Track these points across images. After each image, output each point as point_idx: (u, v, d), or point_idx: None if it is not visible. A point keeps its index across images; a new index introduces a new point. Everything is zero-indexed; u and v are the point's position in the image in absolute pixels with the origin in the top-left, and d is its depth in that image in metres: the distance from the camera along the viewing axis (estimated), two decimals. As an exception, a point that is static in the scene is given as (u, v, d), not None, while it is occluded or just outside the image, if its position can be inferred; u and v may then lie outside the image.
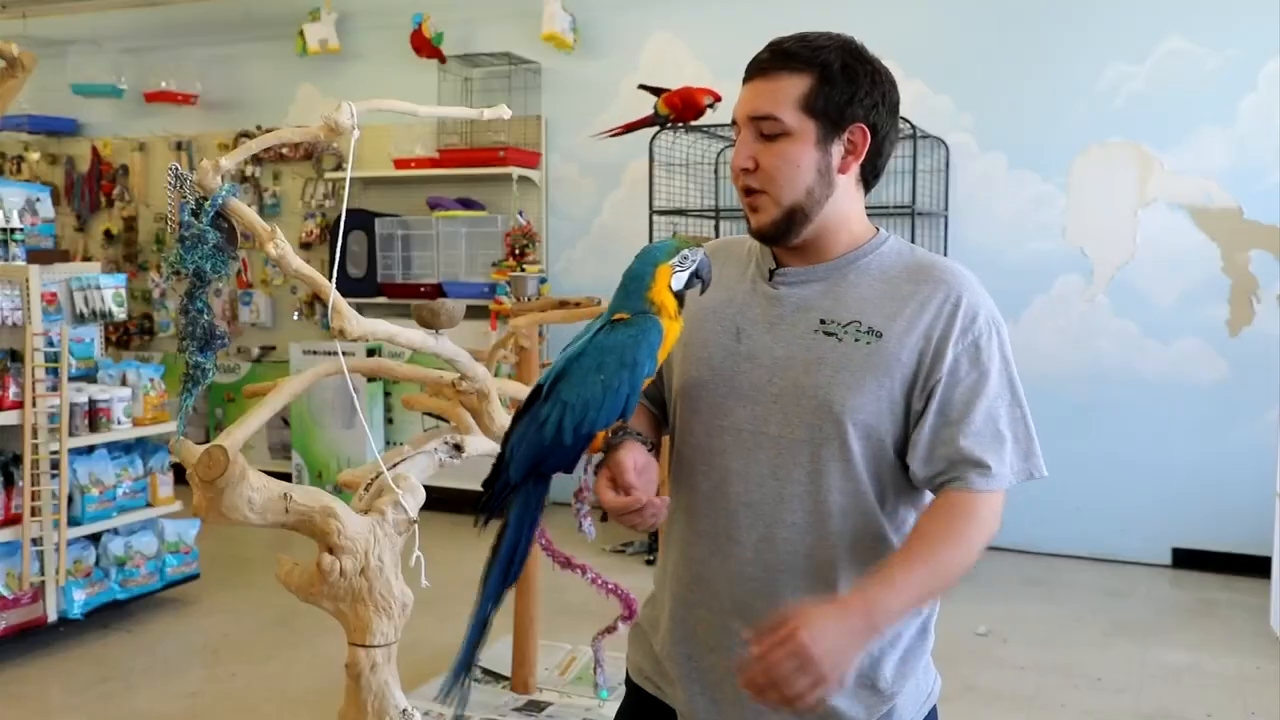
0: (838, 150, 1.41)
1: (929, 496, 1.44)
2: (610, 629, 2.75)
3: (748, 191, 1.43)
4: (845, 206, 1.44)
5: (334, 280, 2.49)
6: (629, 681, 1.62)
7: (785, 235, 1.43)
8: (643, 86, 5.03)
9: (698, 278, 1.44)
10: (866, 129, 1.41)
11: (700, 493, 1.46)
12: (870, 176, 1.46)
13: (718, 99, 4.77)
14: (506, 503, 1.44)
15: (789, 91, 1.39)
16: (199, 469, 2.41)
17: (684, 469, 1.49)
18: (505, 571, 1.44)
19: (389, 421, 6.19)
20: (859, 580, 1.36)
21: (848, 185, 1.44)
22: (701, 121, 5.41)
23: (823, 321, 1.41)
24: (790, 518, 1.40)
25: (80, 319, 4.21)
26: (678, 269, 1.42)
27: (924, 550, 1.35)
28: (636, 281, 1.42)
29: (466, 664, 1.45)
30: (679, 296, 1.43)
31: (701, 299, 1.50)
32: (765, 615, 1.38)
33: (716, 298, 1.50)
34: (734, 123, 1.45)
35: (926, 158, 5.36)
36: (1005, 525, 1.41)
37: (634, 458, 1.37)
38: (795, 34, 1.44)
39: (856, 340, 1.38)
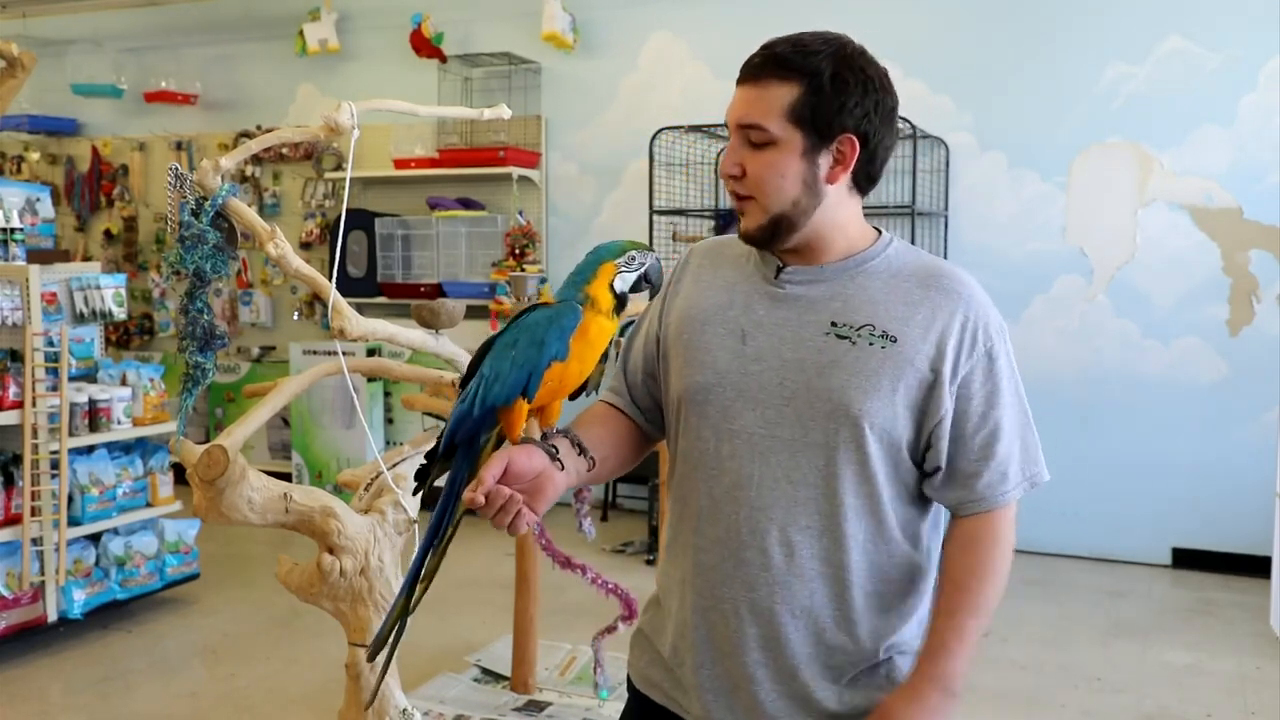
0: (825, 160, 1.38)
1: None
2: (610, 629, 2.75)
3: (736, 196, 1.44)
4: (837, 213, 1.42)
5: (334, 280, 2.50)
6: (632, 687, 1.59)
7: (772, 241, 1.43)
8: None
9: (646, 281, 1.47)
10: (856, 139, 1.38)
11: (711, 498, 1.44)
12: (865, 182, 1.43)
13: None
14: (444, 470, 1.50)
15: (776, 100, 1.36)
16: (199, 469, 2.42)
17: (691, 474, 1.47)
18: (430, 536, 1.46)
19: (389, 421, 6.19)
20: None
21: (839, 193, 1.41)
22: (702, 121, 5.42)
23: (834, 324, 1.40)
24: (805, 521, 1.39)
25: (80, 319, 4.21)
26: (623, 269, 1.45)
27: (963, 600, 1.42)
28: (579, 274, 1.46)
29: (393, 624, 1.49)
30: (621, 298, 1.45)
31: (698, 300, 1.49)
32: (781, 620, 1.40)
33: (715, 300, 1.48)
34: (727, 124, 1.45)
35: (926, 158, 5.36)
36: (1005, 525, 1.43)
37: (515, 458, 1.35)
38: (790, 36, 1.40)
39: (871, 344, 1.38)
